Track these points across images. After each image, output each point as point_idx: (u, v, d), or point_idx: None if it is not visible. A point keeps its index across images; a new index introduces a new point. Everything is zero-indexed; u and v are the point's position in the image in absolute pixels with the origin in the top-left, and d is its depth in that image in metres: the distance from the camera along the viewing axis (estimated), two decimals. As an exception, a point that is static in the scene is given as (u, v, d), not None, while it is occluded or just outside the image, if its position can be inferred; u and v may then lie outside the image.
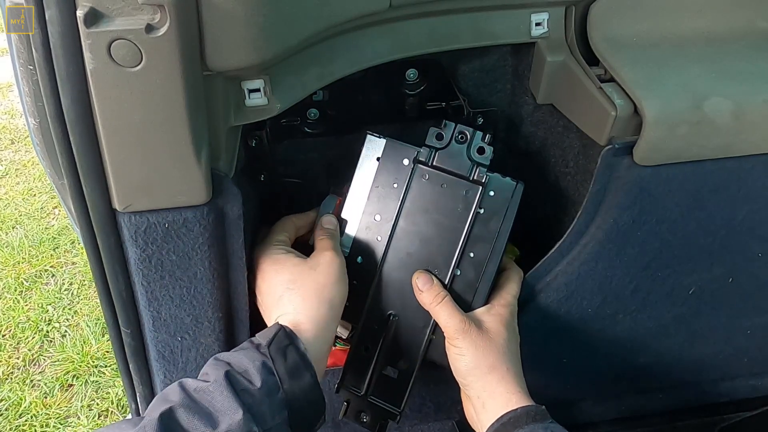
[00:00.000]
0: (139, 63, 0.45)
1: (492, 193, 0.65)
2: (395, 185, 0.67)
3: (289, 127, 0.76)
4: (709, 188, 0.67)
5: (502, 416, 0.60)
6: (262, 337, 0.56)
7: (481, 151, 0.65)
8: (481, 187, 0.65)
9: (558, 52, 0.69)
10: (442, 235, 0.66)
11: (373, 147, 0.67)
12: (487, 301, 0.67)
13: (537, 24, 0.69)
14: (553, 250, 0.71)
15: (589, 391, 0.93)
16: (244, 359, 0.54)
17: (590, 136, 0.67)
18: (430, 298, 0.65)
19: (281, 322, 0.58)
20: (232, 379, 0.52)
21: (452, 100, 0.78)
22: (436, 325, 0.67)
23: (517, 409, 0.60)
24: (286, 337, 0.57)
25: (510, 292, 0.68)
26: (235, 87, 0.53)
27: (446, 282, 0.67)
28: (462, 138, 0.65)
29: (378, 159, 0.67)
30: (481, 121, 0.77)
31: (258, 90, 0.54)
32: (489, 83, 0.80)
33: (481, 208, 0.65)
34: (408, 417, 0.72)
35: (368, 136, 0.67)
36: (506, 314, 0.66)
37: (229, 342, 0.67)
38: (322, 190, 0.78)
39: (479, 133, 0.65)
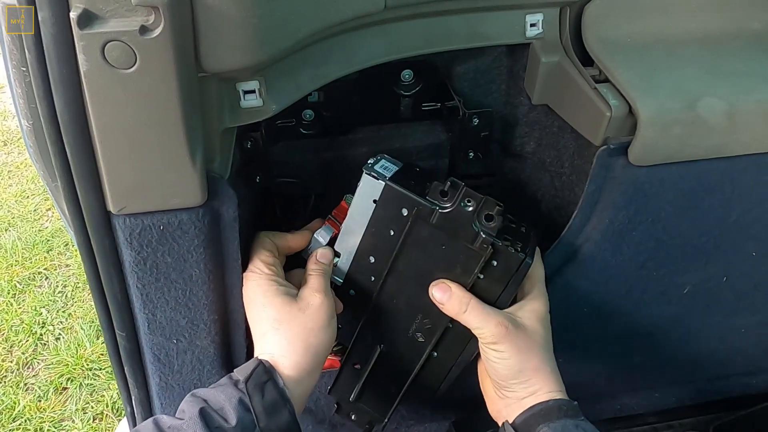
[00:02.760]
0: (133, 65, 0.45)
1: (495, 263, 0.61)
2: (392, 233, 0.63)
3: (284, 128, 0.76)
4: (703, 188, 0.67)
5: (532, 406, 0.58)
6: (240, 373, 0.56)
7: (488, 218, 0.60)
8: (483, 257, 0.60)
9: (553, 53, 0.69)
10: None
11: (370, 187, 0.62)
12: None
13: (531, 25, 0.69)
14: (548, 251, 0.71)
15: (584, 391, 0.93)
16: (221, 396, 0.53)
17: (585, 136, 0.67)
18: (455, 308, 0.61)
19: (261, 358, 0.57)
20: (206, 417, 0.51)
21: (447, 100, 0.78)
22: (428, 357, 0.67)
23: (548, 401, 0.57)
24: (264, 372, 0.55)
25: (537, 285, 0.65)
26: (229, 88, 0.53)
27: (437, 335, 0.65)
28: (469, 203, 0.60)
29: (374, 201, 0.62)
30: (476, 121, 0.77)
31: (253, 91, 0.54)
32: (484, 84, 0.80)
33: (481, 275, 0.61)
34: (405, 417, 0.72)
35: (365, 176, 0.62)
36: (541, 309, 0.64)
37: (225, 344, 0.67)
38: (317, 192, 0.78)
39: (489, 201, 0.60)
